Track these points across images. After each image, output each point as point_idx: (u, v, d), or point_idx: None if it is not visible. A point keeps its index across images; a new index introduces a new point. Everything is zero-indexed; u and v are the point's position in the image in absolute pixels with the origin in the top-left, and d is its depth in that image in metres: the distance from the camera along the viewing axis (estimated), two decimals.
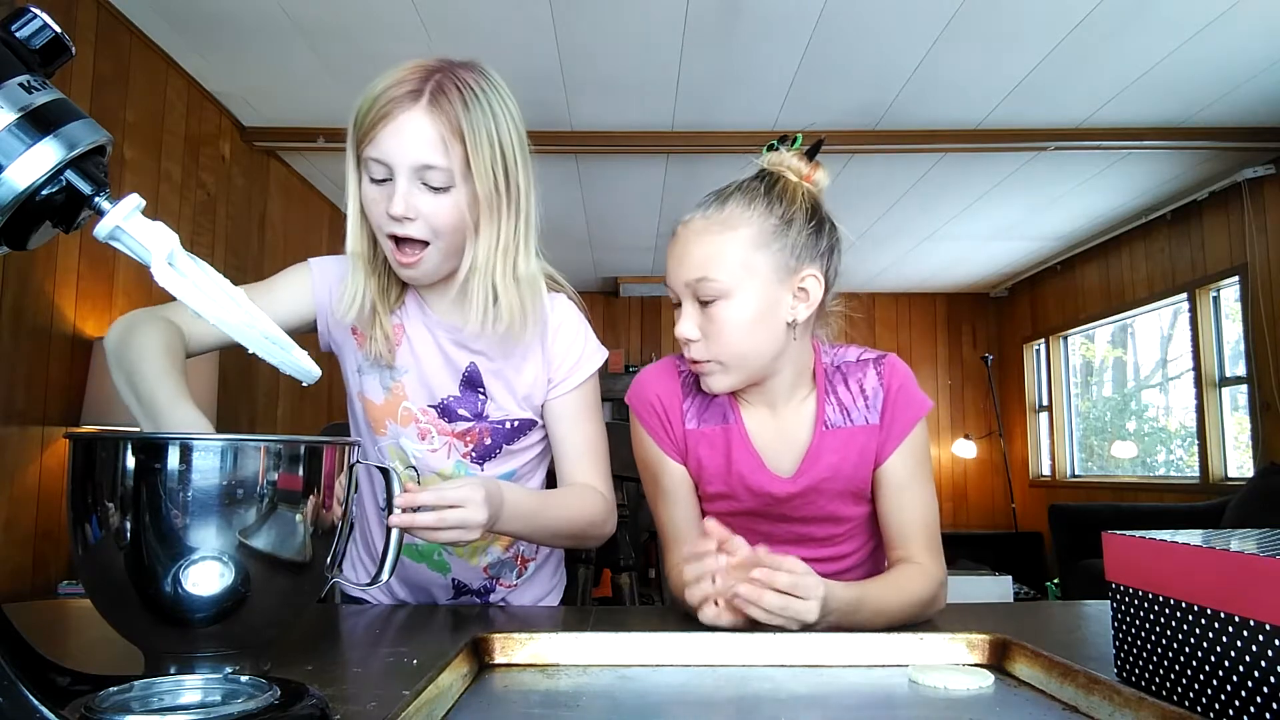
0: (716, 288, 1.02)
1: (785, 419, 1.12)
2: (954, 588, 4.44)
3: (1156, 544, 0.69)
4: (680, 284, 1.05)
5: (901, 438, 1.10)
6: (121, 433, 0.68)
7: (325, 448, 0.73)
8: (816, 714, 0.70)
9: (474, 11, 2.85)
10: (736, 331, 1.03)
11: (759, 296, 1.03)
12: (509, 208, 1.04)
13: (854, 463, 1.09)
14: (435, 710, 0.66)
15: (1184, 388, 5.07)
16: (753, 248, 1.03)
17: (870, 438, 1.10)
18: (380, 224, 1.02)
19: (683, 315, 1.06)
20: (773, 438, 1.12)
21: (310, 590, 0.75)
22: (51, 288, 2.64)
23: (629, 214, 5.07)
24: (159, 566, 0.65)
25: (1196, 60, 3.13)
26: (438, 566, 1.20)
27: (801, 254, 1.05)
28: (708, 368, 1.07)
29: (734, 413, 1.12)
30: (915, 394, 1.12)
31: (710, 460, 1.12)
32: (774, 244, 1.03)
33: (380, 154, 0.99)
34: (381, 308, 1.11)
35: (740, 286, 1.02)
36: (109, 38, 2.83)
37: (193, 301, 0.68)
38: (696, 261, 1.03)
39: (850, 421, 1.10)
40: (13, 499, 2.50)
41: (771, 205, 1.04)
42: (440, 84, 0.99)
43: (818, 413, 1.11)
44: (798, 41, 3.04)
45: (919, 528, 1.09)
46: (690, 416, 1.14)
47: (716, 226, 1.04)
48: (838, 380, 1.13)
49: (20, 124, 0.55)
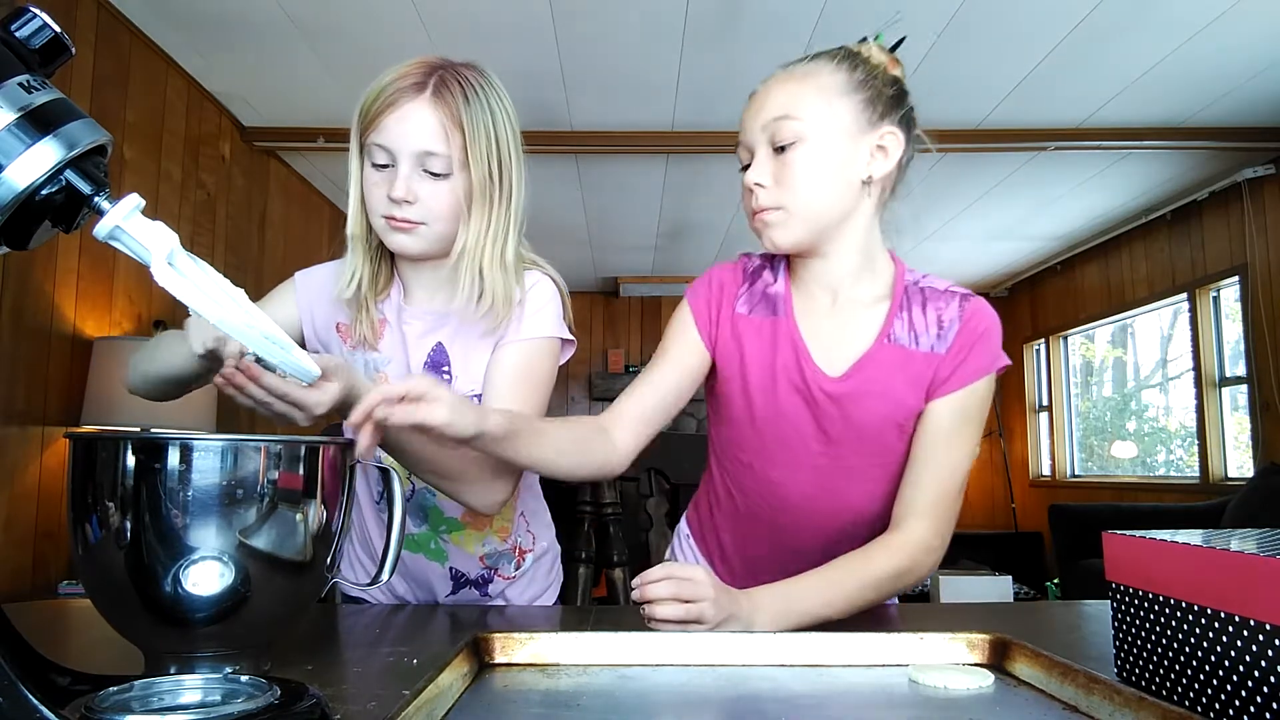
0: (796, 128, 1.00)
1: (847, 319, 1.08)
2: (954, 588, 4.43)
3: (1156, 544, 0.69)
4: (757, 129, 1.03)
5: (964, 382, 1.03)
6: (122, 432, 0.68)
7: (325, 447, 0.73)
8: (816, 714, 0.70)
9: (474, 11, 2.85)
10: (811, 177, 1.01)
11: (837, 145, 1.02)
12: (500, 198, 1.10)
13: (904, 387, 1.04)
14: (435, 710, 0.66)
15: (1184, 388, 5.07)
16: (835, 93, 1.02)
17: (930, 367, 1.04)
18: (378, 207, 1.07)
19: (756, 162, 1.04)
20: (827, 337, 1.07)
21: (310, 590, 0.75)
22: (51, 288, 2.64)
23: (629, 214, 5.07)
24: (159, 566, 0.65)
25: (1196, 60, 3.13)
26: (435, 555, 1.21)
27: (884, 109, 1.04)
28: (774, 216, 1.03)
29: (786, 305, 1.10)
30: (995, 343, 1.07)
31: (754, 349, 1.09)
32: (857, 94, 1.02)
33: (384, 140, 1.04)
34: (369, 291, 1.16)
35: (819, 130, 1.01)
36: (109, 38, 2.83)
37: (193, 301, 0.68)
38: (778, 103, 1.02)
39: (916, 344, 1.05)
40: (13, 499, 2.50)
41: (856, 64, 1.04)
42: (443, 78, 1.05)
43: (885, 324, 1.06)
44: (798, 41, 3.03)
45: (935, 486, 1.03)
46: (742, 302, 1.12)
47: (799, 74, 1.04)
48: (916, 300, 1.08)
49: (20, 124, 0.55)
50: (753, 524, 1.15)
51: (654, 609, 0.88)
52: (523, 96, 3.77)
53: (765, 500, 1.13)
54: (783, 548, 1.13)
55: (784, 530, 1.13)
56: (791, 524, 1.12)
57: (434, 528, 1.20)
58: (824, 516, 1.10)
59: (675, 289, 6.57)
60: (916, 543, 1.01)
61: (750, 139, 1.05)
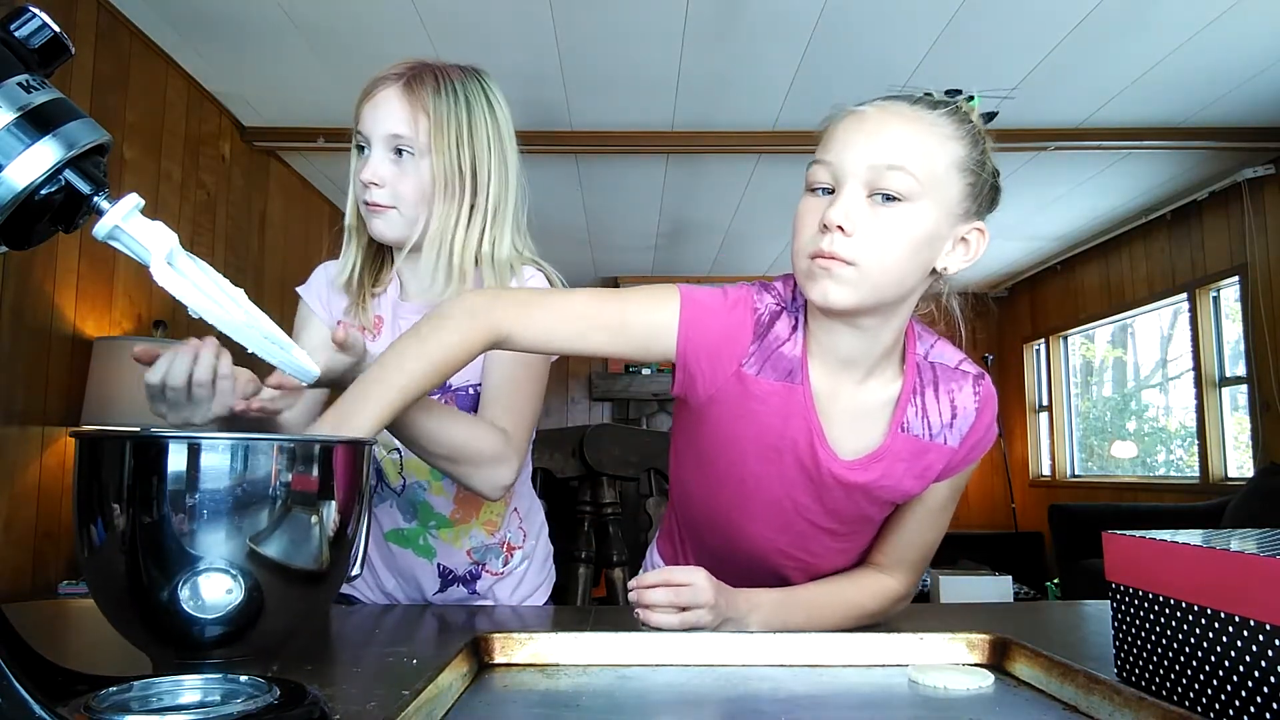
0: (909, 185, 0.87)
1: (862, 401, 0.98)
2: (954, 588, 4.43)
3: (1156, 544, 0.69)
4: (862, 164, 0.88)
5: (966, 466, 1.01)
6: (129, 432, 0.66)
7: (342, 447, 0.70)
8: (816, 714, 0.70)
9: (474, 11, 2.85)
10: (901, 244, 0.88)
11: (933, 220, 0.89)
12: (469, 190, 1.14)
13: (912, 479, 0.99)
14: (435, 710, 0.66)
15: (1184, 388, 5.07)
16: (953, 165, 0.90)
17: (941, 459, 0.99)
18: (357, 191, 1.15)
19: (842, 197, 0.88)
20: (841, 416, 0.98)
21: (325, 596, 0.73)
22: (51, 288, 2.64)
23: (629, 214, 5.07)
24: (167, 573, 0.63)
25: (1196, 60, 3.13)
26: (424, 552, 1.22)
27: (980, 203, 0.94)
28: (845, 271, 0.87)
29: (803, 374, 0.96)
30: (994, 429, 1.02)
31: (765, 416, 0.97)
32: (968, 176, 0.91)
33: (362, 126, 1.12)
34: (367, 280, 1.22)
35: (926, 197, 0.88)
36: (109, 38, 2.83)
37: (192, 301, 0.68)
38: (895, 146, 0.88)
39: (930, 435, 0.98)
40: (13, 499, 2.50)
41: (976, 139, 0.93)
42: (419, 72, 1.12)
43: (897, 411, 0.98)
44: (798, 41, 3.04)
45: (918, 549, 1.05)
46: (751, 362, 0.96)
47: (927, 123, 0.89)
48: (928, 381, 0.99)
49: (19, 123, 0.55)
50: (717, 561, 1.10)
51: (649, 615, 0.88)
52: (523, 96, 3.79)
53: (736, 545, 1.10)
54: (746, 577, 1.08)
55: (749, 570, 1.10)
56: (760, 569, 1.10)
57: (423, 523, 1.21)
58: (792, 565, 1.09)
59: None
60: (895, 595, 1.04)
61: (843, 168, 0.89)
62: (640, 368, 6.76)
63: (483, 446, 1.04)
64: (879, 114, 0.91)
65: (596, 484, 1.62)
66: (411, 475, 1.19)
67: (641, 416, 6.70)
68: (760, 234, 5.45)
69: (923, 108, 0.91)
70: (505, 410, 1.10)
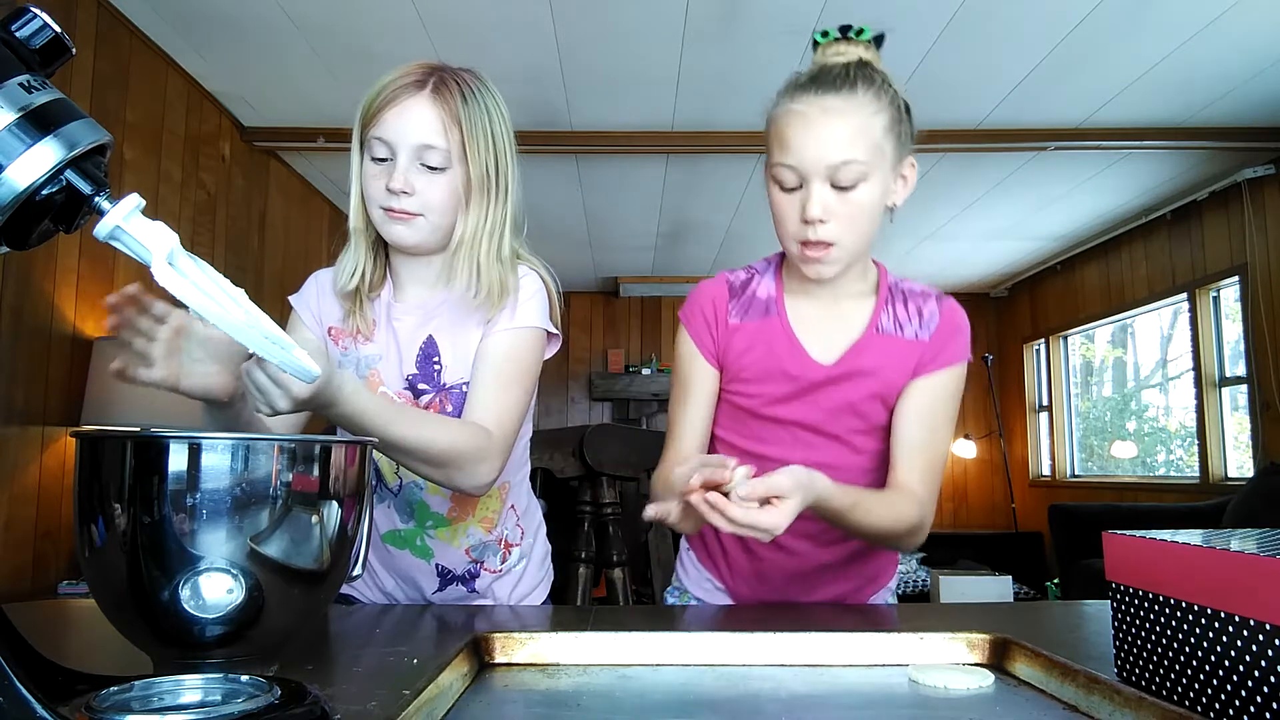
0: (859, 171, 1.04)
1: (837, 315, 1.16)
2: (954, 588, 4.43)
3: (1156, 544, 0.69)
4: (820, 165, 1.04)
5: (943, 365, 1.14)
6: (129, 432, 0.66)
7: (342, 446, 0.71)
8: (816, 714, 0.70)
9: (474, 11, 2.85)
10: (869, 214, 1.07)
11: (884, 181, 1.07)
12: (497, 194, 1.15)
13: (894, 369, 1.14)
14: (435, 710, 0.66)
15: (1184, 388, 5.07)
16: (884, 132, 1.06)
17: (915, 351, 1.14)
18: (376, 198, 1.12)
19: (813, 195, 1.05)
20: (818, 330, 1.16)
21: (326, 596, 0.73)
22: (51, 288, 2.64)
23: (629, 214, 5.07)
24: (168, 574, 0.63)
25: (1196, 60, 3.13)
26: (421, 552, 1.22)
27: (907, 139, 1.10)
28: (830, 253, 1.07)
29: (778, 305, 1.17)
30: (967, 338, 1.17)
31: (750, 350, 1.16)
32: (896, 128, 1.07)
33: (384, 134, 1.09)
34: (367, 285, 1.21)
35: (875, 170, 1.05)
36: (109, 38, 2.83)
37: (193, 301, 0.68)
38: (841, 143, 1.04)
39: (901, 333, 1.15)
40: (13, 499, 2.50)
41: (890, 93, 1.08)
42: (443, 78, 1.11)
43: (872, 317, 1.15)
44: (798, 41, 3.03)
45: (924, 457, 1.13)
46: (734, 314, 1.18)
47: (854, 109, 1.05)
48: (898, 299, 1.18)
49: (20, 124, 0.55)
50: None
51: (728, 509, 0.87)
52: (523, 96, 3.79)
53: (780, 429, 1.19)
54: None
55: None
56: None
57: (420, 524, 1.22)
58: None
59: (675, 289, 6.57)
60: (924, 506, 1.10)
61: (804, 169, 1.05)
62: (640, 368, 6.77)
63: (465, 448, 1.05)
64: (820, 115, 1.05)
65: (596, 484, 1.62)
66: (408, 475, 1.19)
67: (641, 416, 6.69)
68: (760, 234, 5.44)
69: (847, 91, 1.05)
70: (490, 407, 1.11)
